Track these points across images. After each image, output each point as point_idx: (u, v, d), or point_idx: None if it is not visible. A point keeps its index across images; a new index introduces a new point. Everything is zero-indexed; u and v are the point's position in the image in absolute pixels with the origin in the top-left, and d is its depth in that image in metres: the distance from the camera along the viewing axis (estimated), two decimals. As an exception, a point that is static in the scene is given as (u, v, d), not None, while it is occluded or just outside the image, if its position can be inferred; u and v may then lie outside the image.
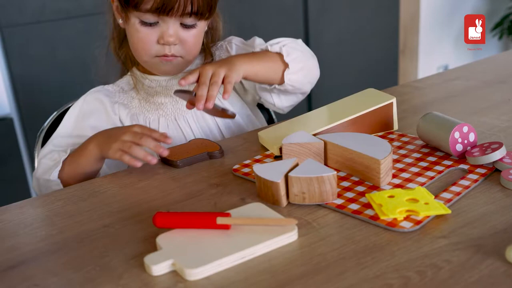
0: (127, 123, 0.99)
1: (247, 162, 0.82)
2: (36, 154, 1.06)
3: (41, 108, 1.74)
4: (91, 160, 0.87)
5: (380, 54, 2.71)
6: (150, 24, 0.91)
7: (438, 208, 0.63)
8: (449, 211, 0.63)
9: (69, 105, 1.06)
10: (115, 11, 0.97)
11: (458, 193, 0.68)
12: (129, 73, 1.04)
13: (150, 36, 0.92)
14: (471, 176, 0.72)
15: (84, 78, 2.05)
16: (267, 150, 0.87)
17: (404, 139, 0.86)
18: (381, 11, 2.66)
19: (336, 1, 2.49)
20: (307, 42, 2.45)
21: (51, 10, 1.83)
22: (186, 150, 0.86)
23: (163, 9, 0.88)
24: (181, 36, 0.93)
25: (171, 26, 0.91)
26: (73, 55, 1.90)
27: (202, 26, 0.96)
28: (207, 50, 1.05)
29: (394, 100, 0.88)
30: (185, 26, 0.92)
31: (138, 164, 0.80)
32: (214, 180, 0.78)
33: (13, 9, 1.77)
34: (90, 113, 0.99)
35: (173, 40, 0.91)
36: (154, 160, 0.79)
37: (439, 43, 2.87)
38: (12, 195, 1.80)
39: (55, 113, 1.09)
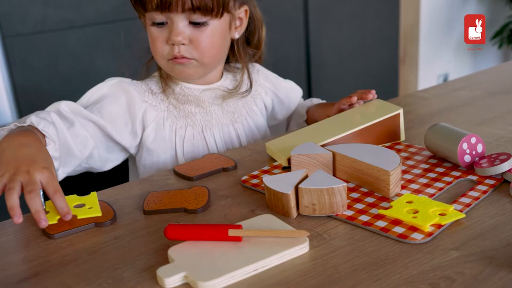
0: (152, 126, 0.96)
1: (255, 173, 0.82)
2: None
3: (44, 118, 1.74)
4: None
5: (380, 63, 2.72)
6: (160, 24, 0.90)
7: (452, 213, 0.64)
8: (463, 215, 0.64)
9: None
10: (142, 19, 0.98)
11: (468, 204, 0.68)
12: (158, 75, 1.00)
13: (160, 37, 0.91)
14: (480, 187, 0.72)
15: (86, 88, 2.05)
16: (275, 161, 0.87)
17: (412, 149, 0.86)
18: (381, 20, 2.67)
19: (336, 10, 2.50)
20: (307, 50, 2.46)
21: (53, 20, 1.83)
22: (201, 166, 0.86)
23: (163, 6, 0.87)
24: (192, 35, 0.91)
25: (177, 24, 0.89)
26: (75, 65, 1.90)
27: (217, 26, 0.92)
28: (242, 62, 1.03)
29: (401, 111, 0.89)
30: (195, 24, 0.90)
31: (18, 220, 0.63)
32: (223, 192, 0.78)
33: (16, 19, 1.77)
34: (115, 99, 0.94)
35: (180, 39, 0.90)
36: (44, 223, 0.64)
37: (439, 51, 2.88)
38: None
39: None
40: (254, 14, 1.03)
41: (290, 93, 1.14)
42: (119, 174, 1.05)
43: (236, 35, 0.99)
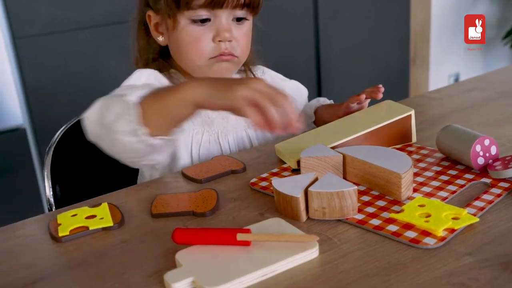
0: None
1: (264, 175, 0.81)
2: (44, 165, 1.00)
3: (54, 119, 1.74)
4: (180, 106, 0.70)
5: (390, 63, 2.70)
6: (202, 22, 0.88)
7: (466, 217, 0.62)
8: (477, 219, 0.62)
9: (79, 118, 1.05)
10: (153, 30, 0.94)
11: (481, 208, 0.66)
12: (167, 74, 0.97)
13: (204, 35, 0.89)
14: (494, 190, 0.70)
15: (95, 88, 2.06)
16: (284, 163, 0.86)
17: (423, 151, 0.85)
18: (392, 20, 2.65)
19: (346, 9, 2.49)
20: (317, 50, 2.45)
21: (62, 21, 1.84)
22: (210, 168, 0.85)
23: (216, 2, 0.85)
24: (234, 33, 0.90)
25: (224, 21, 0.88)
26: (85, 66, 1.90)
27: (250, 25, 0.93)
28: (245, 67, 1.03)
29: (412, 112, 0.87)
30: (237, 20, 0.90)
31: (280, 131, 0.65)
32: (231, 194, 0.77)
33: (26, 21, 1.78)
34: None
35: (229, 36, 0.88)
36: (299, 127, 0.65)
37: (450, 51, 2.85)
38: (24, 205, 1.81)
39: (64, 126, 1.06)
40: None
41: (296, 94, 1.12)
42: (126, 176, 1.05)
43: None
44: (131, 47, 1.02)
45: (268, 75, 1.09)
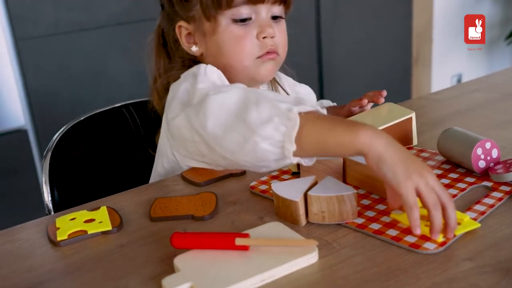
0: None
1: (264, 179, 0.81)
2: (42, 169, 0.99)
3: (56, 120, 1.74)
4: (345, 147, 0.63)
5: (393, 63, 2.69)
6: (244, 21, 0.87)
7: (467, 223, 0.62)
8: (478, 225, 0.62)
9: (80, 119, 1.04)
10: (184, 43, 0.91)
11: (482, 212, 0.66)
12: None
13: (248, 33, 0.87)
14: (495, 194, 0.70)
15: (98, 90, 2.06)
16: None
17: (424, 154, 0.84)
18: (394, 19, 2.64)
19: (348, 10, 2.48)
20: (319, 50, 2.44)
21: (65, 22, 1.84)
22: (209, 171, 0.84)
23: None
24: (275, 30, 0.89)
25: (265, 17, 0.87)
26: (87, 67, 1.90)
27: (285, 23, 0.92)
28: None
29: (413, 115, 0.87)
30: (274, 18, 0.89)
31: (436, 235, 0.59)
32: (231, 198, 0.77)
33: (28, 22, 1.78)
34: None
35: (272, 32, 0.88)
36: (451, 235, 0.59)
37: (453, 51, 2.84)
38: (26, 206, 1.81)
39: (61, 129, 1.05)
40: None
41: (307, 98, 1.12)
42: (126, 179, 1.04)
43: None
44: (147, 69, 0.98)
45: (284, 79, 1.08)
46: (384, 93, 0.93)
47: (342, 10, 2.46)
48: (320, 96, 2.45)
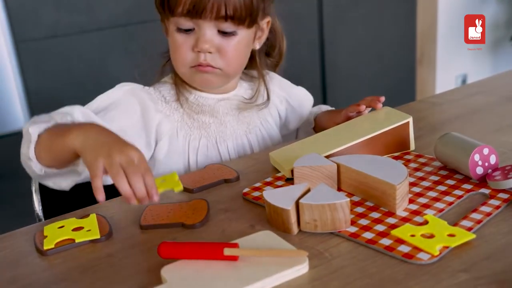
0: (165, 139, 0.93)
1: (257, 185, 0.79)
2: (33, 181, 1.00)
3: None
4: (65, 150, 0.72)
5: (397, 64, 2.67)
6: (186, 31, 0.88)
7: (462, 234, 0.60)
8: (473, 236, 0.60)
9: None
10: (162, 26, 0.95)
11: (479, 221, 0.64)
12: (170, 81, 0.97)
13: (185, 44, 0.88)
14: (492, 201, 0.68)
15: (98, 92, 2.05)
16: (279, 171, 0.84)
17: (421, 160, 0.83)
18: (398, 20, 2.62)
19: (351, 10, 2.46)
20: (322, 50, 2.42)
21: (65, 24, 1.83)
22: (202, 177, 0.83)
23: (195, 11, 0.84)
24: (219, 44, 0.88)
25: (206, 32, 0.87)
26: (88, 69, 1.90)
27: (245, 36, 0.90)
28: (259, 72, 1.01)
29: (410, 119, 0.85)
30: (223, 33, 0.88)
31: (133, 201, 0.65)
32: (223, 205, 0.75)
33: (28, 24, 1.77)
34: (125, 111, 0.90)
35: (207, 47, 0.87)
36: (155, 198, 0.66)
37: (457, 52, 2.81)
38: (24, 209, 1.80)
39: None
40: (274, 25, 1.01)
41: (303, 101, 1.11)
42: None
43: (257, 46, 0.97)
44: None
45: (276, 81, 1.07)
46: (382, 98, 0.92)
47: (345, 10, 2.44)
48: (323, 97, 2.43)
